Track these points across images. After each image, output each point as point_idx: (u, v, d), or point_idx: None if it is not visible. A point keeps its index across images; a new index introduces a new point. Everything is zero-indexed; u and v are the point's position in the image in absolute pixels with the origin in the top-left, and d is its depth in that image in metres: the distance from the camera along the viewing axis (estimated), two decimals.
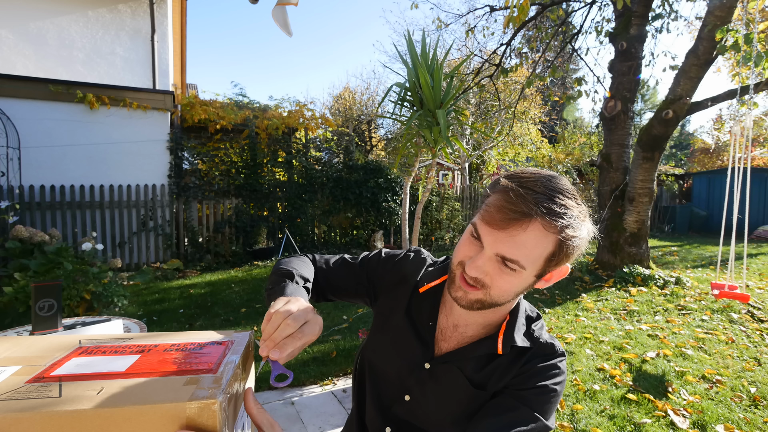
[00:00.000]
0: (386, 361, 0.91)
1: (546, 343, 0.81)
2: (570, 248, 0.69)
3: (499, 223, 0.68)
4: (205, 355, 0.59)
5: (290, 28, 2.42)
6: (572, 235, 0.68)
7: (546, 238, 0.67)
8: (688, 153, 21.06)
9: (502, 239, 0.68)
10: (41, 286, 1.74)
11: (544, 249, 0.68)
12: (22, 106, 5.69)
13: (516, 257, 0.68)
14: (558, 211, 0.66)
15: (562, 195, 0.68)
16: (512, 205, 0.67)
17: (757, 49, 3.42)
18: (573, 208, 0.68)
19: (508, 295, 0.74)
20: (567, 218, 0.67)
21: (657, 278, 4.94)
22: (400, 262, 0.97)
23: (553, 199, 0.67)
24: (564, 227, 0.67)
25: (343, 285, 0.99)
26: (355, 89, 16.03)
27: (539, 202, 0.66)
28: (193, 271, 6.18)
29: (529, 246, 0.68)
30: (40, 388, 0.47)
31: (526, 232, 0.67)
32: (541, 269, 0.71)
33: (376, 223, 8.27)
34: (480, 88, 9.51)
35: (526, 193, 0.67)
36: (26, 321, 3.05)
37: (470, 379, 0.79)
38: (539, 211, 0.66)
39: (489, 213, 0.69)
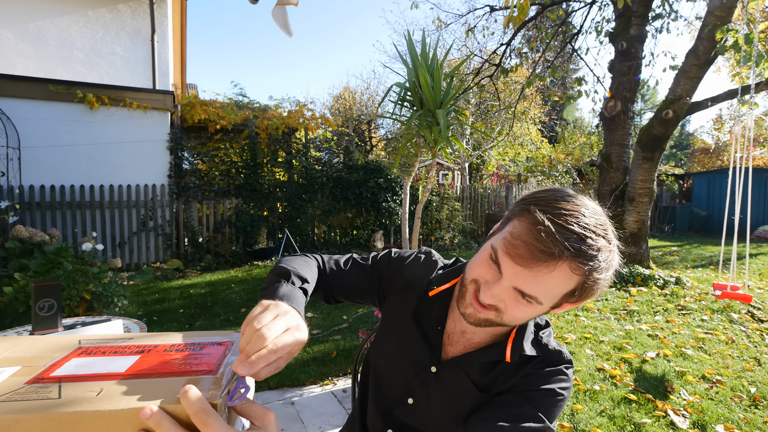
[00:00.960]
0: (392, 363, 0.90)
1: (554, 350, 0.80)
2: (593, 289, 0.67)
3: (524, 260, 0.64)
4: (205, 355, 0.59)
5: (290, 28, 2.42)
6: (597, 278, 0.65)
7: (570, 279, 0.65)
8: (688, 153, 21.07)
9: (525, 276, 0.65)
10: (41, 286, 1.74)
11: (566, 287, 0.66)
12: (22, 106, 5.69)
13: (536, 294, 0.66)
14: (589, 254, 0.63)
15: (596, 234, 0.64)
16: (541, 244, 0.63)
17: (757, 48, 3.42)
18: (604, 250, 0.65)
19: (520, 322, 0.73)
20: (597, 261, 0.64)
21: (657, 278, 4.94)
22: (410, 264, 0.96)
23: (586, 240, 0.63)
24: (592, 270, 0.64)
25: (353, 287, 0.96)
26: (355, 89, 16.03)
27: (571, 242, 0.62)
28: (193, 271, 6.18)
29: (551, 285, 0.65)
30: (39, 389, 0.47)
31: (552, 275, 0.64)
32: (558, 302, 0.69)
33: (376, 223, 8.27)
34: (480, 88, 9.51)
35: (558, 232, 0.62)
36: (26, 321, 3.05)
37: (475, 382, 0.79)
38: (568, 255, 0.62)
39: (514, 246, 0.65)
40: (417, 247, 3.06)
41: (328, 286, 0.94)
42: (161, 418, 0.42)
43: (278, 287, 0.73)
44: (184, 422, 0.45)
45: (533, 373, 0.77)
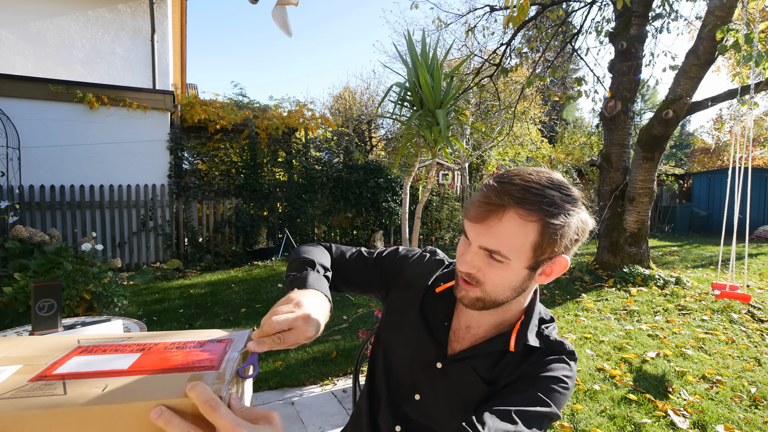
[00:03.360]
0: (398, 359, 0.91)
1: (556, 342, 0.82)
2: (555, 236, 0.69)
3: (477, 216, 0.71)
4: (206, 352, 0.59)
5: (290, 28, 2.42)
6: (553, 223, 0.68)
7: (524, 227, 0.68)
8: (688, 153, 21.07)
9: (482, 232, 0.71)
10: (41, 286, 1.74)
11: (525, 238, 0.69)
12: (22, 106, 5.69)
13: (496, 247, 0.70)
14: (533, 200, 0.68)
15: (539, 185, 0.69)
16: (487, 198, 0.70)
17: (757, 48, 3.42)
18: (553, 197, 0.69)
19: (504, 290, 0.74)
20: (545, 206, 0.68)
21: (657, 278, 4.94)
22: (416, 262, 0.98)
23: (529, 189, 0.69)
24: (544, 215, 0.68)
25: (356, 277, 1.00)
26: (355, 89, 16.02)
27: (512, 193, 0.69)
28: (193, 271, 6.18)
29: (508, 235, 0.69)
30: (44, 386, 0.48)
31: (502, 222, 0.69)
32: (531, 261, 0.72)
33: (376, 223, 8.27)
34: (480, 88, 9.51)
35: (501, 186, 0.70)
36: (26, 321, 3.05)
37: (482, 377, 0.80)
38: (511, 201, 0.68)
39: (469, 209, 0.73)
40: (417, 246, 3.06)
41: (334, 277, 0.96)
42: (170, 416, 0.43)
43: (307, 276, 0.81)
44: (189, 416, 0.45)
45: (536, 362, 0.78)
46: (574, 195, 0.73)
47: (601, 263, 5.61)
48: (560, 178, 0.74)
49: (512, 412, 0.66)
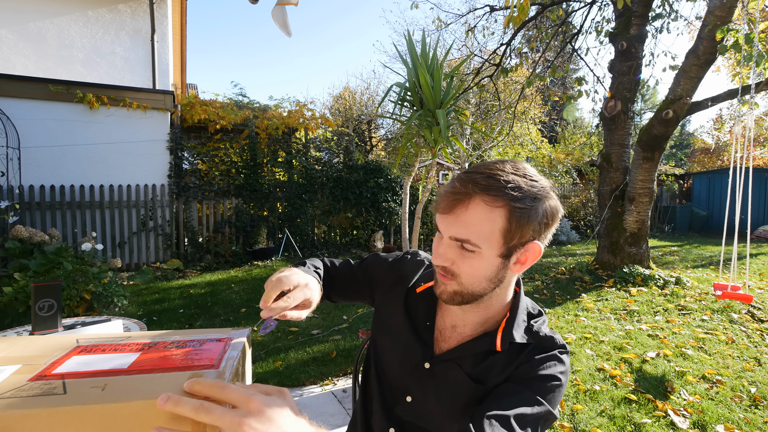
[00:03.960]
0: (387, 362, 0.92)
1: (546, 337, 0.81)
2: (522, 220, 0.70)
3: (445, 207, 0.72)
4: (205, 351, 0.59)
5: (290, 28, 2.42)
6: (519, 207, 0.69)
7: (491, 213, 0.70)
8: (688, 153, 21.07)
9: (451, 222, 0.72)
10: (41, 286, 1.74)
11: (493, 224, 0.70)
12: (22, 106, 5.69)
13: (466, 236, 0.71)
14: (497, 185, 0.69)
15: (504, 172, 0.71)
16: (453, 188, 0.72)
17: (757, 48, 3.42)
18: (517, 182, 0.70)
19: (479, 281, 0.74)
20: (509, 191, 0.69)
21: (657, 278, 4.94)
22: (397, 264, 1.00)
23: (493, 177, 0.70)
24: (509, 200, 0.69)
25: (345, 286, 1.02)
26: (355, 89, 16.02)
27: (477, 181, 0.70)
28: (193, 271, 6.18)
29: (476, 223, 0.70)
30: (44, 386, 0.48)
31: (469, 209, 0.70)
32: (503, 248, 0.72)
33: (376, 223, 8.27)
34: (480, 88, 9.51)
35: (466, 176, 0.72)
36: (26, 321, 3.05)
37: (469, 374, 0.80)
38: (476, 189, 0.70)
39: (437, 201, 0.75)
40: (417, 247, 3.06)
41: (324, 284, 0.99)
42: (178, 398, 0.43)
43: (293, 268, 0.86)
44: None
45: (527, 361, 0.77)
46: (541, 182, 0.74)
47: (601, 263, 5.61)
48: (527, 167, 0.75)
49: (510, 418, 0.65)
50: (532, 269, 6.16)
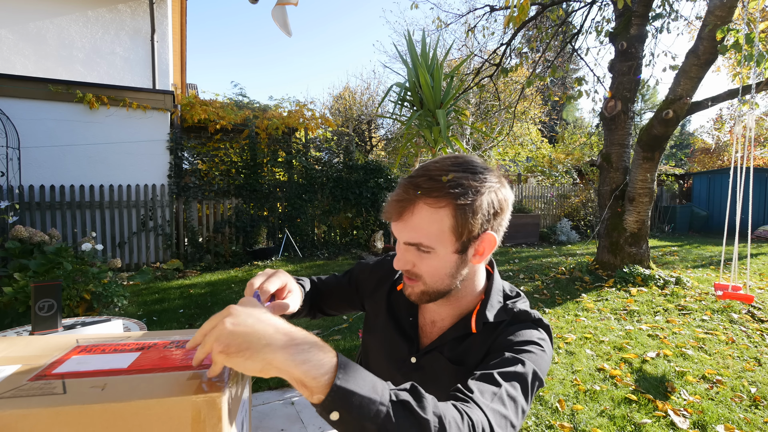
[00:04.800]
0: (375, 360, 0.94)
1: (521, 311, 0.82)
2: (468, 214, 0.71)
3: (394, 215, 0.74)
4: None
5: (290, 28, 2.42)
6: (462, 203, 0.70)
7: (436, 214, 0.71)
8: (688, 153, 21.06)
9: (402, 228, 0.74)
10: (41, 286, 1.74)
11: (441, 224, 0.71)
12: (22, 106, 5.69)
13: (417, 240, 0.72)
14: (438, 186, 0.71)
15: (440, 170, 0.72)
16: (398, 196, 0.74)
17: (758, 48, 3.42)
18: (458, 179, 0.71)
19: (442, 279, 0.76)
20: (450, 189, 0.70)
21: (657, 278, 4.93)
22: (378, 265, 1.03)
23: (433, 178, 0.72)
24: (451, 198, 0.70)
25: (335, 297, 1.05)
26: (355, 89, 16.02)
27: (418, 185, 0.72)
28: (193, 271, 6.17)
29: (424, 226, 0.72)
30: (43, 386, 0.48)
31: (415, 214, 0.72)
32: (456, 244, 0.73)
33: (376, 223, 8.26)
34: (480, 88, 9.51)
35: (408, 181, 0.74)
36: (26, 321, 3.05)
37: (449, 358, 0.82)
38: (418, 193, 0.71)
39: (386, 209, 0.76)
40: None
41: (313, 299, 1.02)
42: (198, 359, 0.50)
43: None
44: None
45: (503, 333, 0.78)
46: (484, 174, 0.74)
47: (601, 263, 5.61)
48: (469, 160, 0.76)
49: (494, 374, 0.66)
50: (532, 269, 6.16)
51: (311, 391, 0.47)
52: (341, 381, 0.47)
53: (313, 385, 0.46)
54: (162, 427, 0.44)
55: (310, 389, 0.47)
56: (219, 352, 0.46)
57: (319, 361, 0.47)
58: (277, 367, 0.46)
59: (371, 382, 0.50)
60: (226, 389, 0.48)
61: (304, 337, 0.49)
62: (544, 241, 9.52)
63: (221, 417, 0.46)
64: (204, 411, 0.45)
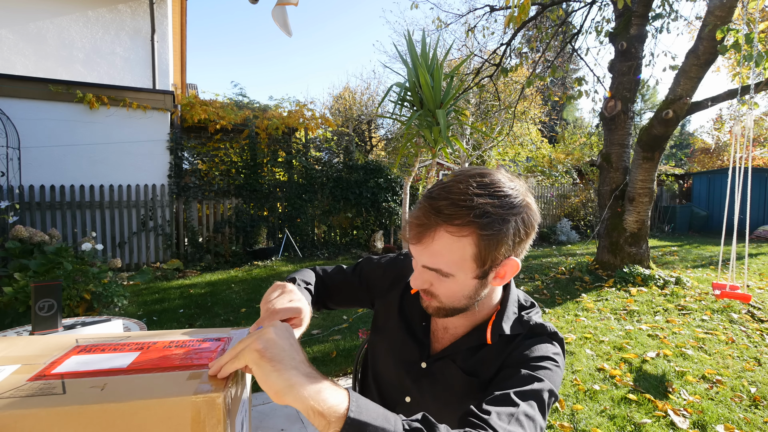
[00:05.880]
0: (384, 362, 0.93)
1: (536, 324, 0.81)
2: (492, 244, 0.68)
3: (414, 239, 0.71)
4: (204, 351, 0.59)
5: (290, 28, 2.42)
6: (487, 233, 0.67)
7: (459, 242, 0.67)
8: (688, 153, 21.06)
9: (420, 251, 0.71)
10: (41, 286, 1.74)
11: (463, 252, 0.68)
12: (22, 106, 5.69)
13: (437, 266, 0.70)
14: (461, 213, 0.66)
15: (468, 195, 0.67)
16: (418, 219, 0.70)
17: (757, 48, 3.42)
18: (484, 206, 0.67)
19: (459, 300, 0.74)
20: (475, 218, 0.66)
21: (657, 278, 4.93)
22: (391, 265, 1.01)
23: (457, 204, 0.67)
24: (476, 228, 0.66)
25: (342, 293, 1.03)
26: (355, 89, 16.01)
27: (440, 210, 0.67)
28: (193, 271, 6.17)
29: (445, 253, 0.68)
30: (43, 386, 0.48)
31: (435, 241, 0.68)
32: (477, 271, 0.70)
33: (376, 223, 8.26)
34: (480, 88, 9.51)
35: (430, 204, 0.69)
36: (26, 321, 3.05)
37: (462, 368, 0.81)
38: (439, 220, 0.67)
39: (406, 231, 0.73)
40: None
41: (318, 293, 1.00)
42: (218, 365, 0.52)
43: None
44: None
45: (519, 347, 0.77)
46: (512, 195, 0.70)
47: (601, 263, 5.61)
48: (493, 177, 0.71)
49: (510, 394, 0.64)
50: (532, 269, 6.16)
51: (327, 422, 0.47)
52: (354, 413, 0.48)
53: (329, 415, 0.47)
54: (162, 427, 0.44)
55: (327, 419, 0.47)
56: (256, 349, 0.50)
57: (333, 392, 0.50)
58: (296, 392, 0.48)
59: (383, 414, 0.52)
60: (226, 389, 0.48)
61: (318, 372, 0.53)
62: (544, 241, 9.52)
63: (221, 417, 0.46)
64: (204, 411, 0.45)
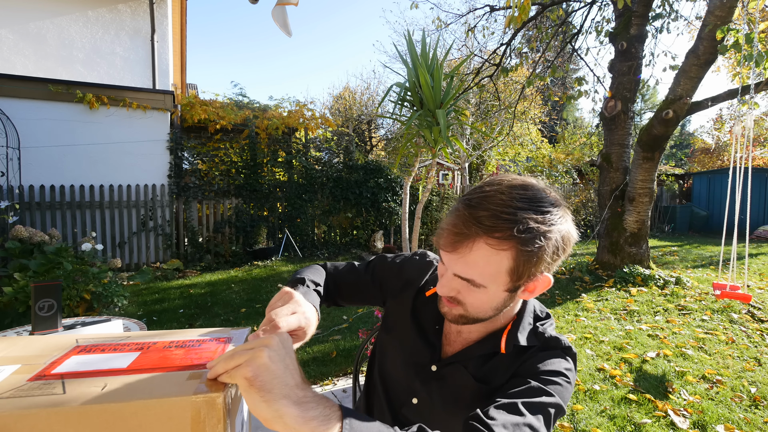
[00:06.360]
0: (394, 364, 0.92)
1: (551, 338, 0.80)
2: (531, 260, 0.66)
3: (449, 246, 0.69)
4: (205, 351, 0.59)
5: (290, 28, 2.42)
6: (528, 249, 0.65)
7: (497, 255, 0.66)
8: (688, 153, 21.06)
9: (455, 260, 0.69)
10: (41, 286, 1.74)
11: (499, 265, 0.67)
12: (22, 106, 5.69)
13: (470, 276, 0.68)
14: (503, 226, 0.64)
15: (512, 207, 0.65)
16: (455, 227, 0.67)
17: (757, 48, 3.42)
18: (526, 221, 0.65)
19: (486, 311, 0.73)
20: (517, 233, 0.64)
21: (657, 278, 4.93)
22: (406, 266, 0.99)
23: (499, 216, 0.65)
24: (517, 242, 0.65)
25: (351, 289, 1.01)
26: (355, 89, 16.02)
27: (481, 221, 0.65)
28: (193, 271, 6.17)
29: (481, 264, 0.67)
30: (43, 386, 0.47)
31: (473, 251, 0.66)
32: (509, 285, 0.70)
33: (376, 223, 8.27)
34: (480, 88, 9.51)
35: (470, 213, 0.66)
36: (26, 321, 3.05)
37: (474, 375, 0.80)
38: (479, 231, 0.65)
39: (440, 236, 0.71)
40: (417, 247, 3.06)
41: (329, 290, 0.98)
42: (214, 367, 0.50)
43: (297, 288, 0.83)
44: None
45: (533, 357, 0.76)
46: (553, 210, 0.68)
47: (601, 263, 5.61)
48: (536, 190, 0.69)
49: (518, 404, 0.64)
50: None
51: None
52: None
53: None
54: (162, 427, 0.44)
55: None
56: (245, 377, 0.47)
57: (326, 417, 0.48)
58: (285, 423, 0.47)
59: (377, 429, 0.51)
60: (227, 389, 0.48)
61: (313, 393, 0.50)
62: None
63: (221, 417, 0.46)
64: (204, 411, 0.45)
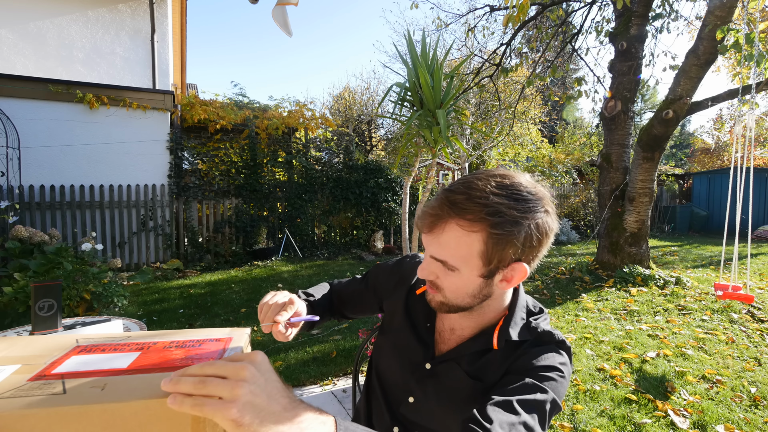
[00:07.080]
0: (390, 364, 0.93)
1: (544, 332, 0.80)
2: (501, 244, 0.68)
3: (425, 227, 0.72)
4: (205, 350, 0.59)
5: (290, 28, 2.42)
6: (497, 232, 0.67)
7: (467, 237, 0.68)
8: (688, 153, 21.06)
9: (430, 241, 0.72)
10: (41, 286, 1.74)
11: (470, 247, 0.68)
12: (22, 106, 5.69)
13: (443, 257, 0.71)
14: (474, 209, 0.67)
15: (485, 192, 0.67)
16: (433, 209, 0.71)
17: (758, 48, 3.41)
18: (498, 205, 0.67)
19: (462, 297, 0.75)
20: (487, 215, 0.66)
21: (657, 278, 4.93)
22: (397, 266, 1.03)
23: (472, 199, 0.67)
24: (487, 225, 0.67)
25: (352, 299, 1.07)
26: (355, 89, 16.01)
27: (454, 203, 0.68)
28: (193, 271, 6.17)
29: (452, 246, 0.69)
30: (43, 386, 0.47)
31: (445, 232, 0.69)
32: (482, 269, 0.71)
33: (376, 223, 8.26)
34: (480, 88, 9.51)
35: (446, 196, 0.70)
36: (26, 321, 3.05)
37: (467, 372, 0.80)
38: (452, 212, 0.68)
39: (419, 218, 0.74)
40: (417, 247, 3.07)
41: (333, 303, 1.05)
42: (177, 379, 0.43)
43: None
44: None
45: (527, 353, 0.76)
46: (530, 200, 0.69)
47: (601, 263, 5.61)
48: (517, 181, 0.71)
49: (513, 402, 0.64)
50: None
51: None
52: None
53: None
54: (162, 427, 0.44)
55: None
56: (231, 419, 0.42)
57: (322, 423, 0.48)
58: None
59: None
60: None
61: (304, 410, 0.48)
62: None
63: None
64: None
